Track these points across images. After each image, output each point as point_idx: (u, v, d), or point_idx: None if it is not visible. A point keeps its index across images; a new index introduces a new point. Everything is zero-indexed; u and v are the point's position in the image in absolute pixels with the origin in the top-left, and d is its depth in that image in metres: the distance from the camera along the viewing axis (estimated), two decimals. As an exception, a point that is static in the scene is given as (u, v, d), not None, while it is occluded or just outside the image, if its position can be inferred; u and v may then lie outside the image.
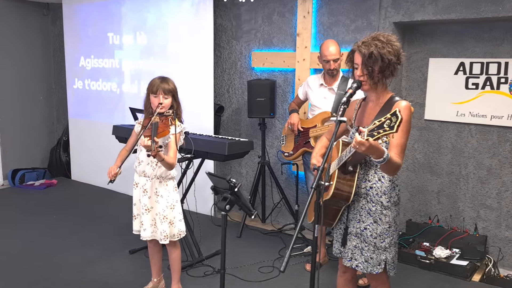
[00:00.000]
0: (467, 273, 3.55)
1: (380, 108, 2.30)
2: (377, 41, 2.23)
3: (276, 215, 4.74)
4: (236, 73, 4.91)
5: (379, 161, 2.09)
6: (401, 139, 2.19)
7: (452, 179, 4.04)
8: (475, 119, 3.87)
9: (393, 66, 2.25)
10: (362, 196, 2.34)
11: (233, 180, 2.30)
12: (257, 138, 4.70)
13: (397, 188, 2.36)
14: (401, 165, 2.18)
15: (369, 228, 2.33)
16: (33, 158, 6.41)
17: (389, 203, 2.32)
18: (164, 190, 2.97)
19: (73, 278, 3.50)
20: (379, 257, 2.34)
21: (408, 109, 2.22)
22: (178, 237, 3.03)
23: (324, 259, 3.80)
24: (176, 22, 4.95)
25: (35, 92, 6.47)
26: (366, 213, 2.34)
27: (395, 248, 2.40)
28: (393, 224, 2.35)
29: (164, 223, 2.96)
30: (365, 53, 2.22)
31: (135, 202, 3.08)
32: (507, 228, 3.82)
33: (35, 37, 6.41)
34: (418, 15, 3.76)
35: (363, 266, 2.37)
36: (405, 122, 2.18)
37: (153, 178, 2.96)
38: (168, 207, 2.97)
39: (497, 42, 3.73)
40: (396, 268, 2.43)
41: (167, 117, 2.84)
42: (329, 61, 3.48)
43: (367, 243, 2.34)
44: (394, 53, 2.23)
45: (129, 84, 5.47)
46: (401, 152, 2.20)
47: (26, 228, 4.51)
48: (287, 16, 4.47)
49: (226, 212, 2.36)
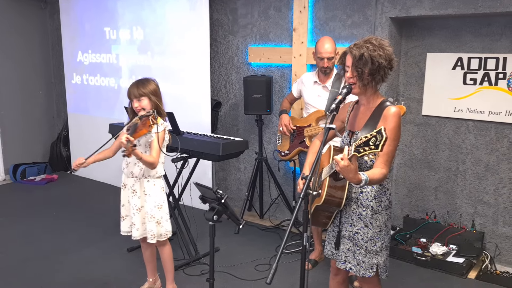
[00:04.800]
0: (463, 270, 3.55)
1: (371, 112, 2.29)
2: (369, 44, 2.22)
3: (274, 211, 4.75)
4: (233, 68, 4.87)
5: (357, 186, 2.12)
6: (388, 147, 2.16)
7: (449, 175, 4.02)
8: (473, 115, 3.83)
9: (383, 70, 2.23)
10: (353, 200, 2.34)
11: (219, 191, 2.29)
12: (255, 133, 4.69)
13: (387, 192, 2.36)
14: (386, 174, 2.18)
15: (360, 232, 2.34)
16: (34, 153, 6.44)
17: (379, 207, 2.32)
18: (152, 189, 2.99)
19: (70, 278, 3.54)
20: (371, 260, 2.35)
21: (397, 116, 2.20)
22: (165, 237, 3.05)
23: (320, 257, 3.81)
24: (172, 16, 4.91)
25: (35, 86, 6.47)
26: (357, 217, 2.34)
27: (387, 251, 2.41)
28: (384, 228, 2.36)
29: (151, 222, 2.98)
30: (355, 55, 2.21)
31: (123, 203, 3.11)
32: (504, 224, 3.81)
33: (34, 31, 6.39)
34: (415, 10, 3.70)
35: (356, 269, 2.38)
36: (394, 129, 2.19)
37: (141, 177, 2.98)
38: (155, 206, 2.99)
39: (495, 37, 3.68)
40: (388, 271, 2.44)
41: (147, 117, 2.85)
42: (323, 58, 3.43)
43: (359, 247, 2.35)
44: (385, 57, 2.21)
45: (127, 79, 5.45)
46: (387, 160, 2.19)
47: (25, 225, 4.55)
48: (283, 10, 4.42)
49: (214, 222, 2.37)
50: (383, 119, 2.21)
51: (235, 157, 3.77)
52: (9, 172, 6.04)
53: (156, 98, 2.93)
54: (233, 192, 5.14)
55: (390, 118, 2.19)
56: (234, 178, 5.11)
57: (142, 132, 2.82)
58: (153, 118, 2.82)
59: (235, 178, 5.09)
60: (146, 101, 2.88)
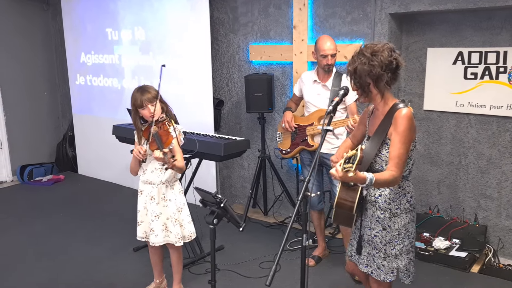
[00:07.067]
0: (466, 264, 3.57)
1: (384, 116, 2.28)
2: (361, 57, 2.20)
3: (278, 207, 4.79)
4: (235, 67, 4.89)
5: (363, 186, 2.14)
6: (399, 150, 2.17)
7: (452, 169, 4.03)
8: (475, 109, 3.83)
9: (384, 76, 2.19)
10: (372, 203, 2.34)
11: (219, 195, 2.32)
12: (258, 131, 4.71)
13: (408, 195, 2.33)
14: (397, 177, 2.16)
15: (378, 235, 2.34)
16: (40, 153, 6.51)
17: (398, 210, 2.31)
18: (172, 194, 3.01)
19: (76, 278, 3.60)
20: (390, 264, 2.34)
21: (406, 118, 2.19)
22: (189, 239, 3.09)
23: (324, 253, 3.84)
24: (173, 16, 4.93)
25: (40, 87, 6.53)
26: (375, 220, 2.34)
27: (408, 255, 2.37)
28: (404, 231, 2.32)
29: (176, 225, 3.01)
30: (350, 70, 2.24)
31: (139, 209, 3.10)
32: (507, 218, 3.81)
33: (37, 33, 6.44)
34: (414, 6, 3.70)
35: (377, 273, 2.38)
36: (403, 132, 2.18)
37: (159, 184, 2.98)
38: (177, 210, 3.02)
39: (495, 31, 3.66)
40: (412, 276, 2.41)
41: (163, 122, 2.85)
42: (327, 56, 3.43)
43: (378, 250, 2.36)
44: (380, 64, 2.17)
45: (129, 80, 5.49)
46: (398, 163, 2.17)
47: (33, 225, 4.62)
48: (283, 8, 4.42)
49: (214, 226, 2.40)
50: (394, 123, 2.21)
51: (237, 156, 3.80)
52: (17, 173, 6.11)
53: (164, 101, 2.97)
54: (237, 190, 5.18)
55: (399, 121, 2.18)
56: (238, 175, 5.14)
57: (169, 140, 2.78)
58: (168, 122, 2.83)
59: (239, 175, 5.13)
60: (159, 105, 2.88)
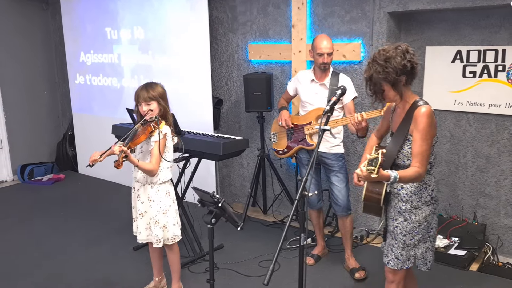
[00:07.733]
0: (465, 263, 3.58)
1: (405, 114, 2.35)
2: (376, 65, 2.24)
3: (277, 206, 4.79)
4: (234, 66, 4.90)
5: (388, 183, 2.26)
6: (421, 147, 2.24)
7: (451, 167, 4.03)
8: (473, 108, 3.83)
9: (400, 79, 2.24)
10: (395, 195, 2.44)
11: (216, 195, 2.33)
12: (257, 130, 4.72)
13: (429, 188, 2.40)
14: (421, 173, 2.24)
15: (399, 226, 2.43)
16: (40, 153, 6.53)
17: (419, 202, 2.39)
18: (156, 195, 3.00)
19: (77, 277, 3.62)
20: (408, 253, 2.43)
21: (426, 116, 2.23)
22: (172, 241, 3.08)
23: (323, 252, 3.85)
24: (172, 15, 4.93)
25: (39, 87, 6.54)
26: (397, 211, 2.43)
27: (425, 244, 2.44)
28: (423, 222, 2.40)
29: (156, 227, 3.01)
30: (366, 78, 2.30)
31: (133, 205, 3.14)
32: (506, 216, 3.82)
33: (36, 32, 6.44)
34: (413, 5, 3.70)
35: (394, 263, 2.45)
36: (424, 129, 2.24)
37: (145, 183, 3.00)
38: (160, 212, 3.00)
39: (494, 29, 3.66)
40: (429, 264, 2.47)
41: (149, 124, 2.85)
42: (323, 54, 3.44)
43: (397, 240, 2.43)
44: (395, 70, 2.21)
45: (129, 79, 5.50)
46: (422, 160, 2.24)
47: (33, 225, 4.64)
48: (282, 7, 4.43)
49: (212, 225, 2.41)
50: (414, 121, 2.27)
51: (237, 155, 3.80)
52: (17, 172, 6.13)
53: (164, 102, 2.96)
54: (236, 188, 5.19)
55: (419, 119, 2.24)
56: (237, 174, 5.15)
57: (140, 140, 2.81)
58: (155, 124, 2.83)
59: (239, 174, 5.14)
60: (155, 105, 2.90)
